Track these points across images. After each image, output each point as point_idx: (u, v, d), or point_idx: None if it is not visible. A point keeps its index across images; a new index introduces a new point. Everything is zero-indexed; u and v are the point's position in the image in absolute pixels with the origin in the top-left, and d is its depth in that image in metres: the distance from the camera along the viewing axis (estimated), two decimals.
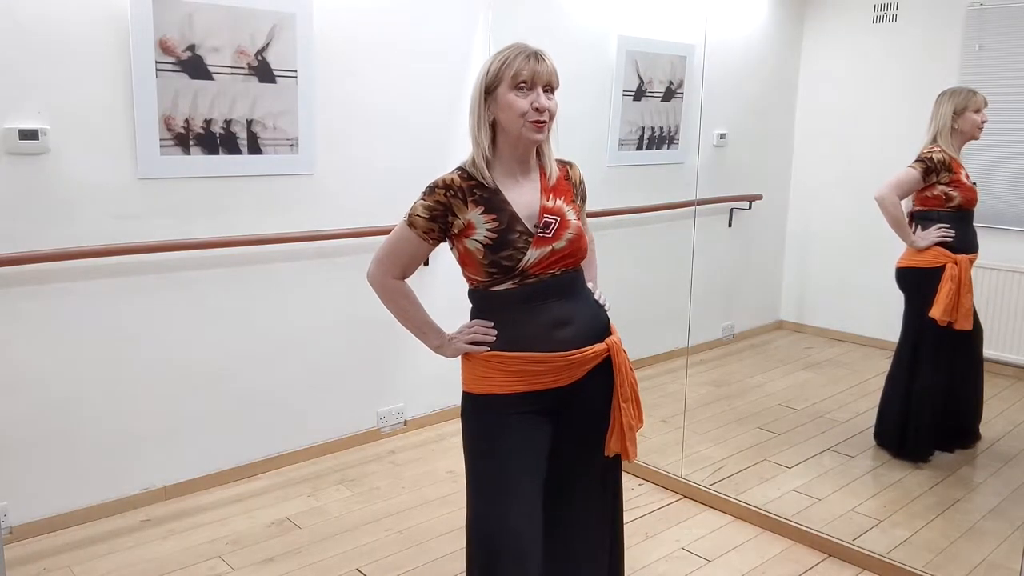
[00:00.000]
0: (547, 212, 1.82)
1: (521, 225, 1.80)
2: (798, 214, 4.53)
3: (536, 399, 1.84)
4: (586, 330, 1.86)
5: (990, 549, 2.69)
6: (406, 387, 3.75)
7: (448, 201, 1.80)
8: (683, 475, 3.22)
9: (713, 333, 4.72)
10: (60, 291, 2.76)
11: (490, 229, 1.80)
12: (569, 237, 1.83)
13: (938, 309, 3.07)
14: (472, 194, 1.81)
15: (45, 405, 2.78)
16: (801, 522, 2.85)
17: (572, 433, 1.91)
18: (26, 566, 2.63)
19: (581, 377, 1.86)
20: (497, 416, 1.85)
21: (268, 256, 3.23)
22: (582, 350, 1.84)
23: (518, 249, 1.79)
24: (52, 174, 2.68)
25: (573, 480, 1.94)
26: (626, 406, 1.90)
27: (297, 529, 2.90)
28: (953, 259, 3.08)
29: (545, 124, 1.79)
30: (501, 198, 1.81)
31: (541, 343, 1.81)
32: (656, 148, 4.30)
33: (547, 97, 1.79)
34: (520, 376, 1.82)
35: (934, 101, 3.14)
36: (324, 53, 3.22)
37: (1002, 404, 3.47)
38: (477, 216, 1.80)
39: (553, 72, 1.80)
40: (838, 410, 3.84)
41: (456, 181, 1.81)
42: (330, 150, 3.32)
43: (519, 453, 1.84)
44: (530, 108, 1.76)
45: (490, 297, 1.84)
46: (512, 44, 1.81)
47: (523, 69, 1.76)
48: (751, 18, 4.48)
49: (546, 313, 1.82)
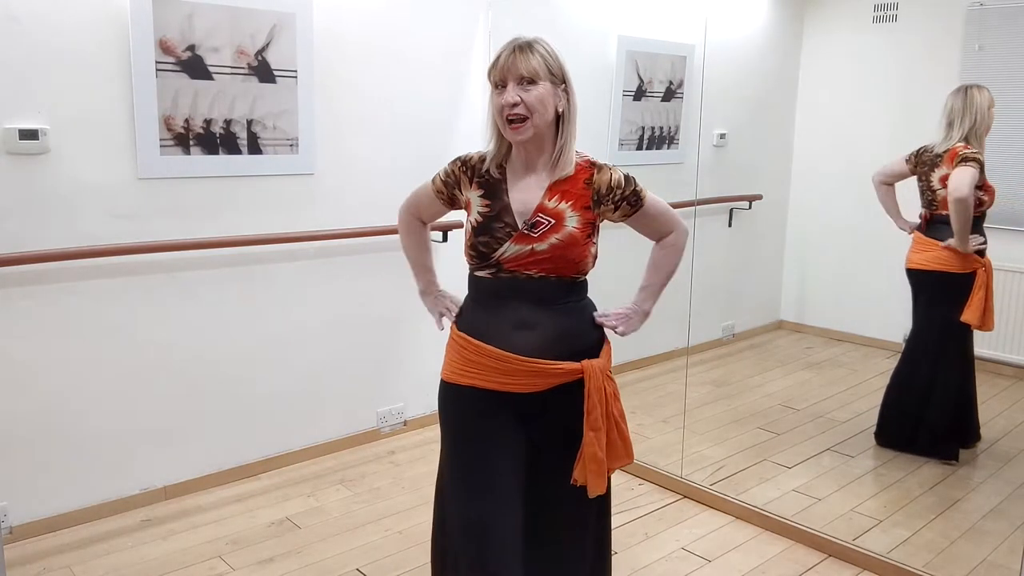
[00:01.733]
0: (543, 212, 1.79)
1: (510, 217, 1.80)
2: (798, 214, 4.53)
3: (502, 400, 1.81)
4: (551, 342, 1.79)
5: (990, 549, 2.69)
6: (406, 387, 3.75)
7: (459, 176, 1.89)
8: (683, 475, 3.22)
9: (713, 333, 4.72)
10: (60, 291, 2.76)
11: (480, 213, 1.83)
12: (554, 242, 1.77)
13: (975, 315, 3.07)
14: (480, 176, 1.86)
15: (45, 405, 2.78)
16: (801, 522, 2.85)
17: (540, 447, 1.85)
18: (26, 566, 2.63)
19: (548, 390, 1.81)
20: (464, 406, 1.85)
21: (268, 256, 3.23)
22: (545, 361, 1.78)
23: (496, 239, 1.78)
24: (52, 174, 2.68)
25: (547, 496, 1.87)
26: (595, 435, 1.80)
27: (297, 529, 2.90)
28: (982, 263, 3.10)
29: (521, 122, 1.73)
30: (502, 188, 1.83)
31: (498, 340, 1.79)
32: (656, 148, 4.30)
33: (521, 89, 1.71)
34: (479, 369, 1.81)
35: (961, 95, 3.06)
36: (324, 53, 3.22)
37: (1002, 404, 3.47)
38: (476, 197, 1.85)
39: (531, 64, 1.71)
40: (838, 410, 3.84)
41: (473, 159, 1.88)
42: (330, 150, 3.31)
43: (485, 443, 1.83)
44: (502, 106, 1.74)
45: (474, 280, 1.88)
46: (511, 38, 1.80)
47: (496, 66, 1.75)
48: (751, 18, 4.48)
49: (512, 311, 1.80)
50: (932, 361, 3.28)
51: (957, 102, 3.07)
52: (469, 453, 1.86)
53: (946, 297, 3.17)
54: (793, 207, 4.54)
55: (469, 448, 1.86)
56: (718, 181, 4.31)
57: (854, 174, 4.06)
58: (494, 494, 1.80)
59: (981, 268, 3.10)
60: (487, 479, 1.82)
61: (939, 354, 3.26)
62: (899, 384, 3.38)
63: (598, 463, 1.81)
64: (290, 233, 3.22)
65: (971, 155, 3.03)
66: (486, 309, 1.85)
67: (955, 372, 3.24)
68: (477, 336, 1.82)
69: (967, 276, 3.11)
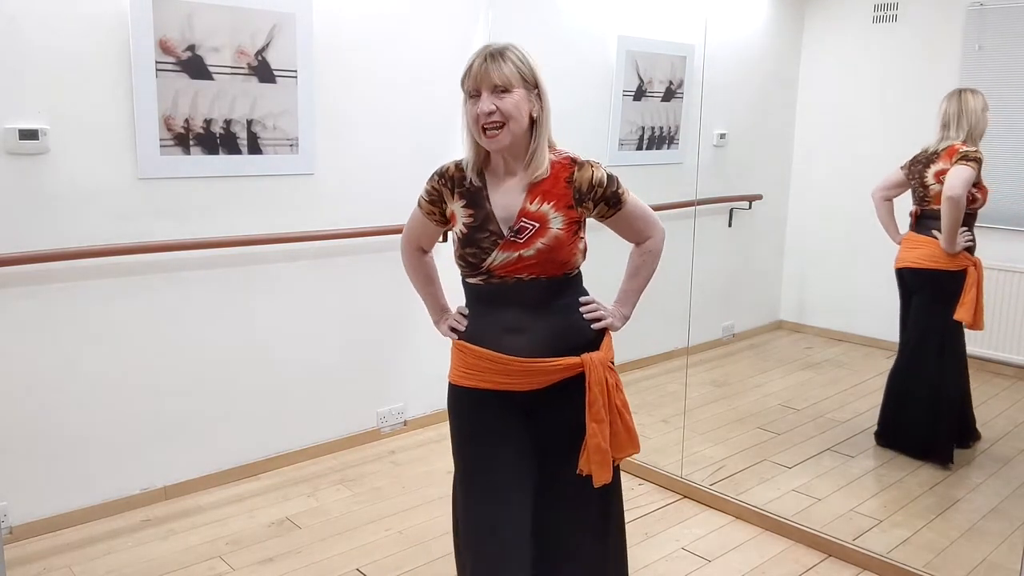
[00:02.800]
0: (526, 216, 1.79)
1: (494, 225, 1.80)
2: (798, 214, 4.53)
3: (506, 400, 1.83)
4: (543, 342, 1.80)
5: (990, 549, 2.69)
6: (406, 387, 3.75)
7: (440, 189, 1.88)
8: (683, 475, 3.22)
9: (713, 333, 4.71)
10: (60, 291, 2.76)
11: (465, 224, 1.83)
12: (540, 247, 1.77)
13: (967, 313, 3.06)
14: (460, 186, 1.85)
15: (45, 404, 2.78)
16: (801, 522, 2.85)
17: (547, 443, 1.87)
18: (26, 566, 2.63)
19: (549, 386, 1.82)
20: (469, 408, 1.88)
21: (268, 256, 3.23)
22: (544, 360, 1.79)
23: (483, 249, 1.79)
24: (52, 174, 2.68)
25: (557, 488, 1.89)
26: (598, 427, 1.82)
27: (297, 529, 2.90)
28: (973, 262, 3.09)
29: (498, 130, 1.74)
30: (483, 195, 1.82)
31: (492, 343, 1.82)
32: (656, 148, 4.30)
33: (495, 98, 1.72)
34: (479, 371, 1.83)
35: (955, 99, 3.08)
36: (324, 53, 3.22)
37: (1002, 404, 3.47)
38: (459, 208, 1.85)
39: (504, 72, 1.72)
40: (838, 410, 3.84)
41: (451, 170, 1.87)
42: (330, 150, 3.31)
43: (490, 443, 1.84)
44: (477, 115, 1.75)
45: (466, 287, 1.90)
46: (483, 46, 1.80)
47: (468, 75, 1.76)
48: (751, 18, 4.48)
49: (501, 316, 1.82)
50: (927, 362, 3.26)
51: (951, 106, 3.09)
52: (475, 454, 1.87)
53: (938, 296, 3.17)
54: (793, 207, 4.54)
55: (475, 449, 1.88)
56: (718, 181, 4.31)
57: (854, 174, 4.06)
58: (501, 494, 1.82)
59: (972, 266, 3.09)
60: (494, 479, 1.83)
61: (934, 354, 3.24)
62: (895, 385, 3.38)
63: (602, 453, 1.83)
64: (290, 233, 3.22)
65: (972, 154, 3.04)
66: (480, 314, 1.87)
67: (950, 372, 3.22)
68: (473, 341, 1.85)
69: (958, 274, 3.10)
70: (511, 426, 1.85)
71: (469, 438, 1.90)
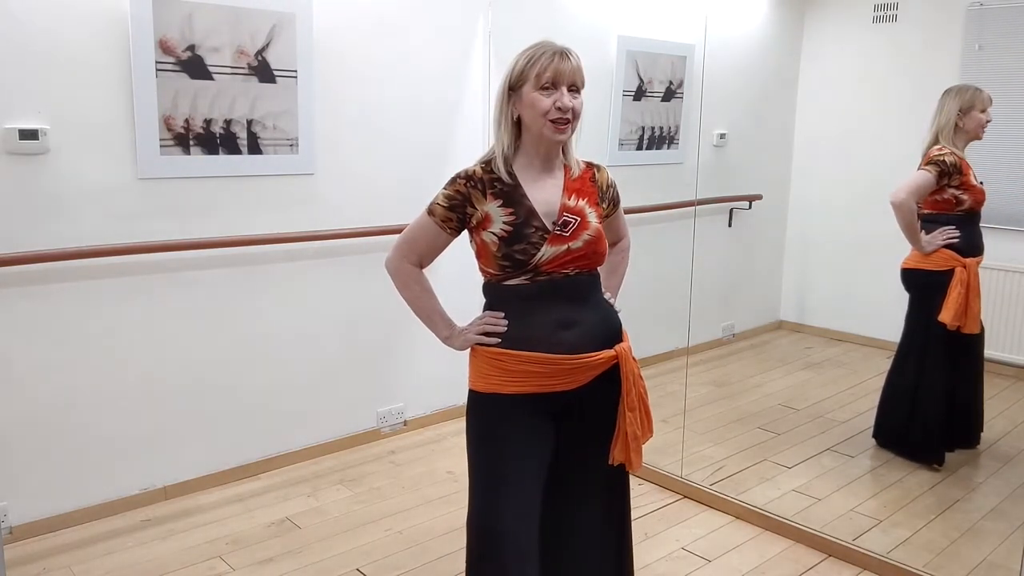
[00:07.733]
0: (567, 211, 1.83)
1: (538, 220, 1.81)
2: (798, 214, 4.53)
3: (540, 402, 1.84)
4: (593, 335, 1.84)
5: (990, 549, 2.69)
6: (406, 387, 3.75)
7: (468, 192, 1.83)
8: (683, 475, 3.22)
9: (713, 333, 4.72)
10: (60, 291, 2.76)
11: (506, 222, 1.81)
12: (587, 238, 1.83)
13: (948, 314, 3.03)
14: (492, 186, 1.83)
15: (45, 405, 2.78)
16: (801, 522, 2.85)
17: (577, 438, 1.91)
18: (26, 566, 2.63)
19: (587, 382, 1.85)
20: (500, 416, 1.86)
21: (268, 256, 3.23)
22: (586, 355, 1.82)
23: (532, 244, 1.79)
24: (52, 174, 2.68)
25: (578, 484, 1.93)
26: (632, 415, 1.88)
27: (297, 529, 2.91)
28: (962, 263, 3.05)
29: (567, 124, 1.80)
30: (520, 192, 1.83)
31: (544, 343, 1.80)
32: (656, 148, 4.30)
33: (571, 96, 1.79)
34: (522, 377, 1.82)
35: (939, 99, 3.08)
36: (324, 53, 3.22)
37: (1002, 404, 3.47)
38: (495, 208, 1.82)
39: (578, 71, 1.80)
40: (838, 410, 3.84)
41: (478, 173, 1.84)
42: (330, 150, 3.32)
43: (520, 454, 1.84)
44: (552, 108, 1.77)
45: (502, 291, 1.85)
46: (539, 42, 1.82)
47: (547, 68, 1.77)
48: (751, 18, 4.48)
49: (553, 312, 1.82)
50: (917, 362, 3.24)
51: (938, 103, 3.09)
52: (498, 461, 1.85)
53: (925, 296, 3.16)
54: (793, 207, 4.55)
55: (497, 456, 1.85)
56: (718, 181, 4.31)
57: (854, 174, 4.07)
58: (517, 500, 1.82)
59: (960, 267, 3.05)
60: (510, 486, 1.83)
61: (922, 355, 3.23)
62: (889, 385, 3.38)
63: (636, 440, 1.90)
64: (290, 233, 3.22)
65: (934, 157, 3.04)
66: (523, 316, 1.83)
67: (939, 374, 3.19)
68: (520, 347, 1.81)
69: (944, 274, 3.07)
70: (535, 432, 1.86)
71: (493, 445, 1.86)
